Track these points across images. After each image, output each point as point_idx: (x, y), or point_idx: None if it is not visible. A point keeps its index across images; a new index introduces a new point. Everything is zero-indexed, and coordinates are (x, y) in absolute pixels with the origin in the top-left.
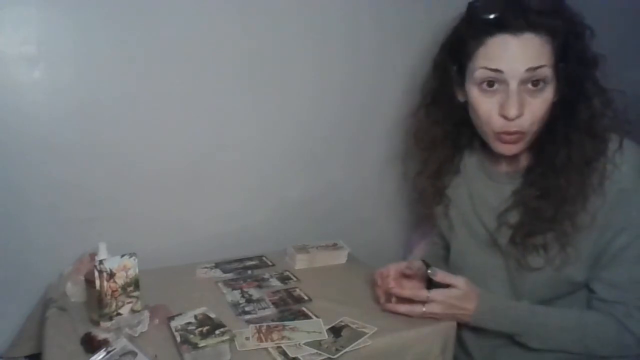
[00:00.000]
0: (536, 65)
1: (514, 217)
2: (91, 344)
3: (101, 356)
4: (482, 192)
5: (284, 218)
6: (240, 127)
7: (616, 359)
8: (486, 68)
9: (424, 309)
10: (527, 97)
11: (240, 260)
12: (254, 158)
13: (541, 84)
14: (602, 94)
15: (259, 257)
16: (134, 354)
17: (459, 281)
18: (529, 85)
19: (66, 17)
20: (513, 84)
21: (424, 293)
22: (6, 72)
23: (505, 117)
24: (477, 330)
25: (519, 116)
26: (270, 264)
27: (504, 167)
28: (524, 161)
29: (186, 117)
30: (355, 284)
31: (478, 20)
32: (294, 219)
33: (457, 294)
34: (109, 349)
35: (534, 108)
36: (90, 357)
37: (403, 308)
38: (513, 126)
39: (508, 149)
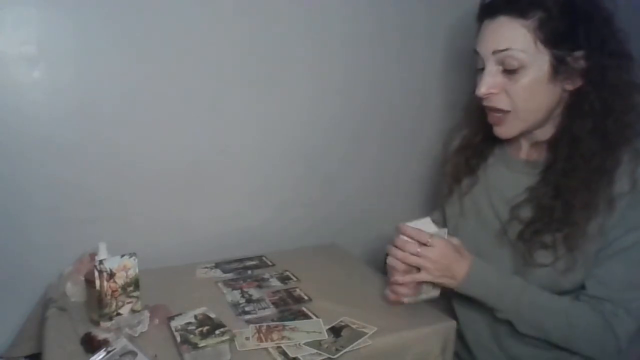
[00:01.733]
0: (502, 47)
1: (526, 212)
2: (91, 344)
3: (101, 356)
4: (498, 182)
5: (284, 218)
6: (240, 127)
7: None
8: (473, 50)
9: (418, 249)
10: (506, 80)
11: (240, 260)
12: (254, 158)
13: (516, 68)
14: (624, 90)
15: (259, 257)
16: (134, 354)
17: (457, 240)
18: (504, 68)
19: (66, 17)
20: (487, 65)
21: (425, 236)
22: (6, 72)
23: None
24: (477, 332)
25: (487, 94)
26: (270, 264)
27: (524, 155)
28: (543, 152)
29: (186, 117)
30: (355, 284)
31: (478, 9)
32: (293, 219)
33: (456, 248)
34: (109, 349)
35: (512, 91)
36: (90, 357)
37: (402, 278)
38: (490, 102)
39: (498, 130)
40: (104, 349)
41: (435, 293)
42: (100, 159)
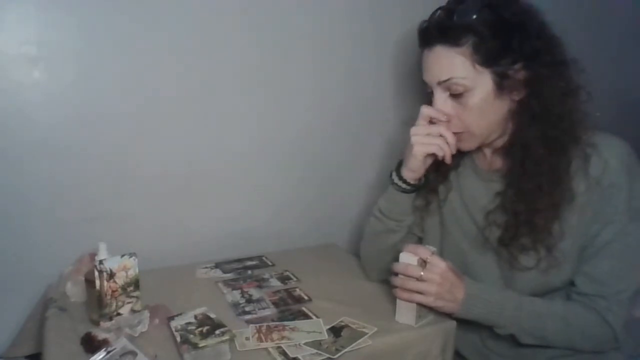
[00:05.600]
0: (444, 78)
1: (500, 217)
2: (91, 344)
3: (101, 356)
4: (471, 190)
5: (284, 218)
6: (240, 128)
7: (592, 354)
8: (423, 79)
9: (421, 273)
10: (455, 103)
11: (240, 260)
12: (254, 158)
13: (461, 93)
14: (566, 93)
15: (259, 257)
16: (134, 354)
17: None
18: (450, 93)
19: (67, 17)
20: (435, 93)
21: (426, 252)
22: (6, 72)
23: None
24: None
25: (442, 120)
26: (270, 264)
27: (488, 164)
28: (504, 160)
29: (187, 118)
30: (355, 284)
31: (417, 37)
32: (293, 219)
33: (454, 269)
34: (109, 349)
35: (460, 113)
36: (90, 357)
37: (406, 295)
38: (451, 128)
39: (459, 145)
40: (104, 349)
41: (430, 317)
42: (101, 159)
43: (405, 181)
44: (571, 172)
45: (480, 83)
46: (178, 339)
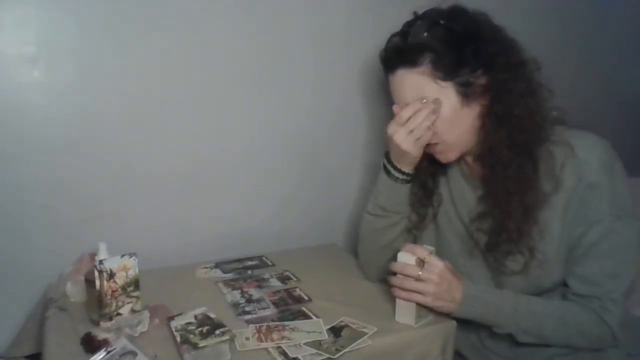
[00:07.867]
0: (409, 101)
1: (485, 224)
2: (91, 344)
3: (101, 356)
4: (460, 192)
5: (284, 218)
6: (240, 127)
7: (590, 352)
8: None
9: (420, 273)
10: None
11: (240, 260)
12: (253, 158)
13: None
14: (526, 94)
15: (259, 257)
16: (134, 354)
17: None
18: None
19: (66, 17)
20: None
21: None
22: (6, 72)
23: None
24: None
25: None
26: (270, 264)
27: (471, 172)
28: (481, 167)
29: (187, 118)
30: (355, 284)
31: (381, 64)
32: (293, 219)
33: (452, 269)
34: (109, 349)
35: (434, 127)
36: (90, 357)
37: (405, 294)
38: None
39: (439, 158)
40: (104, 349)
41: (430, 317)
42: (100, 159)
43: (403, 172)
44: (541, 173)
45: (444, 97)
46: (178, 339)
